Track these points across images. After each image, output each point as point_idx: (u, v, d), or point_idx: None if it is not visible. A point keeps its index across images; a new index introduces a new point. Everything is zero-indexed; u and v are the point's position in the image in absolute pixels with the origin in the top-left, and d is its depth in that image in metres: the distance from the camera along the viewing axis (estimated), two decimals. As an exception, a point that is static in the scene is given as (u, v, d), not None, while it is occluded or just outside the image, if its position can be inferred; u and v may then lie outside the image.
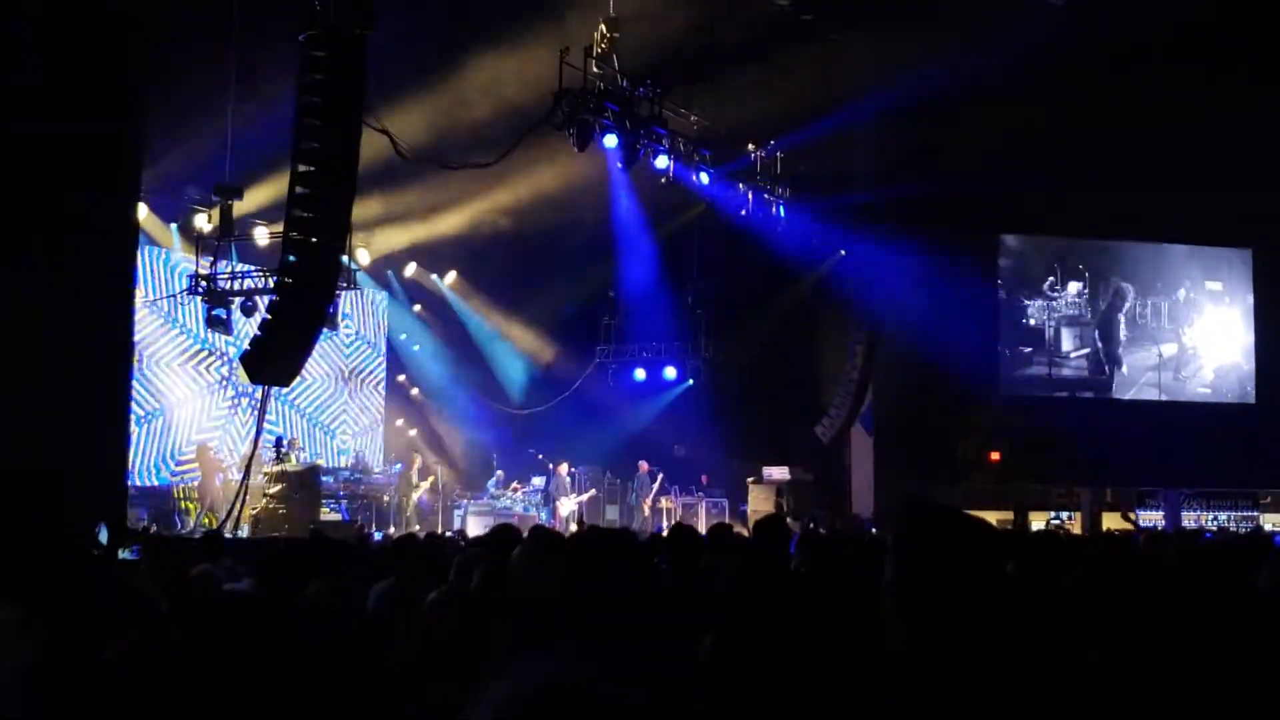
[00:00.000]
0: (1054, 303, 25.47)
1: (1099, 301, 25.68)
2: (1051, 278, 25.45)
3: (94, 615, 3.70)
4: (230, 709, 3.14)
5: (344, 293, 18.68)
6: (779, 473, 23.20)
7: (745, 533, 11.44)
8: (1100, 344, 25.60)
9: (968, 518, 2.38)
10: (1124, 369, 25.68)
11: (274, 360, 13.17)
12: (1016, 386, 25.16)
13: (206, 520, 18.46)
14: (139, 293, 17.31)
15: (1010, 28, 17.54)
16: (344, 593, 5.46)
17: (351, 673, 3.10)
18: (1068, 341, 25.57)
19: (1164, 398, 25.62)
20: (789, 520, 9.09)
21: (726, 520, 20.33)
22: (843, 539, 9.06)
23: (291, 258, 12.52)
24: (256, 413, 18.02)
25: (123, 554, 9.80)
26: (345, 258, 15.98)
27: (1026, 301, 25.42)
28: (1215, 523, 23.00)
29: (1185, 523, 22.59)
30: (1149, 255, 26.03)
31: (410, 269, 24.43)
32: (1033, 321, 25.44)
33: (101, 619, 3.73)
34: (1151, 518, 23.14)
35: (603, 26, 16.79)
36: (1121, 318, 25.74)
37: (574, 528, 18.40)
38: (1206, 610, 2.76)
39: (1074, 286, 25.49)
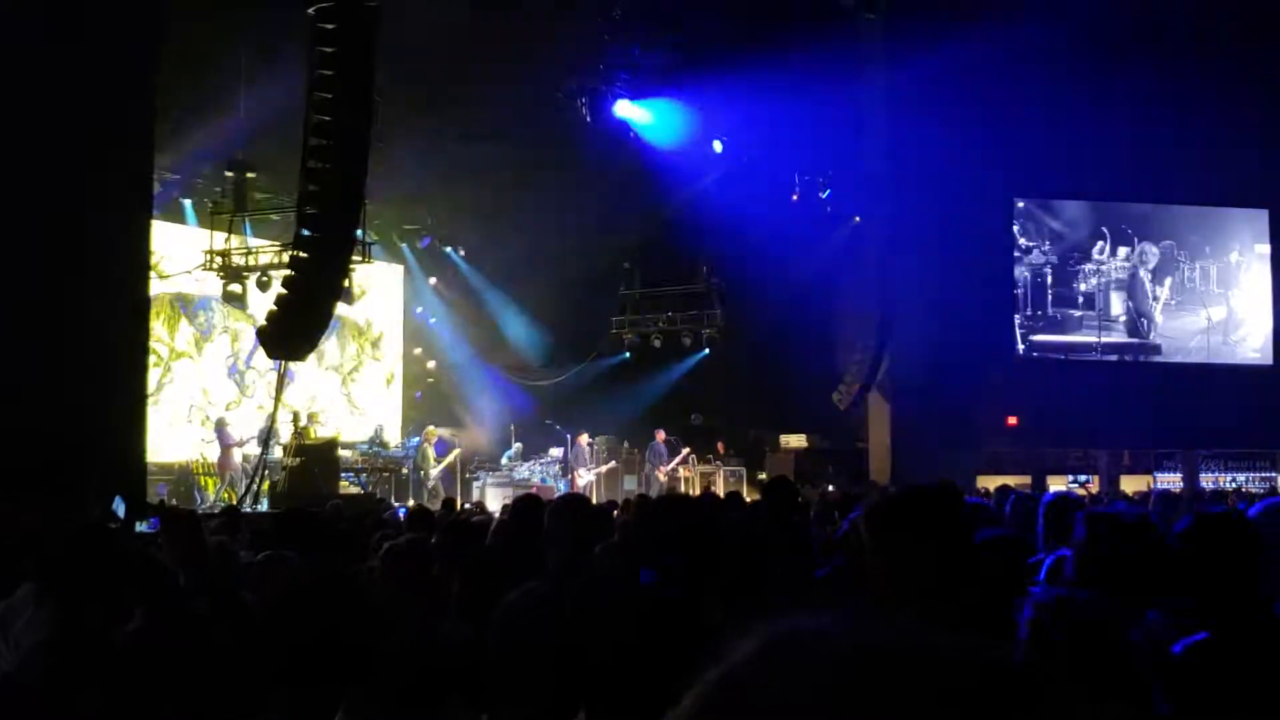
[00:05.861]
0: (1102, 267, 25.20)
1: (1146, 265, 25.36)
2: (1101, 242, 25.17)
3: (112, 588, 3.71)
4: (253, 677, 3.17)
5: (359, 266, 18.68)
6: (796, 440, 23.18)
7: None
8: (1146, 308, 25.32)
9: (935, 505, 2.53)
10: (1170, 333, 25.38)
11: (290, 335, 13.20)
12: (1040, 350, 24.95)
13: (226, 495, 18.53)
14: (154, 268, 17.31)
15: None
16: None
17: (367, 639, 3.12)
18: (1116, 305, 25.29)
19: (1212, 361, 25.29)
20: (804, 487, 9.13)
21: (744, 488, 20.39)
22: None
23: (305, 232, 12.52)
24: (274, 387, 18.07)
25: (140, 527, 9.87)
26: (359, 231, 15.96)
27: (1076, 266, 25.15)
28: (1233, 483, 22.94)
29: (1203, 484, 22.54)
30: (1196, 218, 25.63)
31: (425, 241, 24.40)
32: (1082, 286, 25.19)
33: (120, 592, 3.74)
34: (1169, 479, 23.09)
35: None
36: (1168, 281, 25.44)
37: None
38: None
39: (1122, 251, 25.20)
